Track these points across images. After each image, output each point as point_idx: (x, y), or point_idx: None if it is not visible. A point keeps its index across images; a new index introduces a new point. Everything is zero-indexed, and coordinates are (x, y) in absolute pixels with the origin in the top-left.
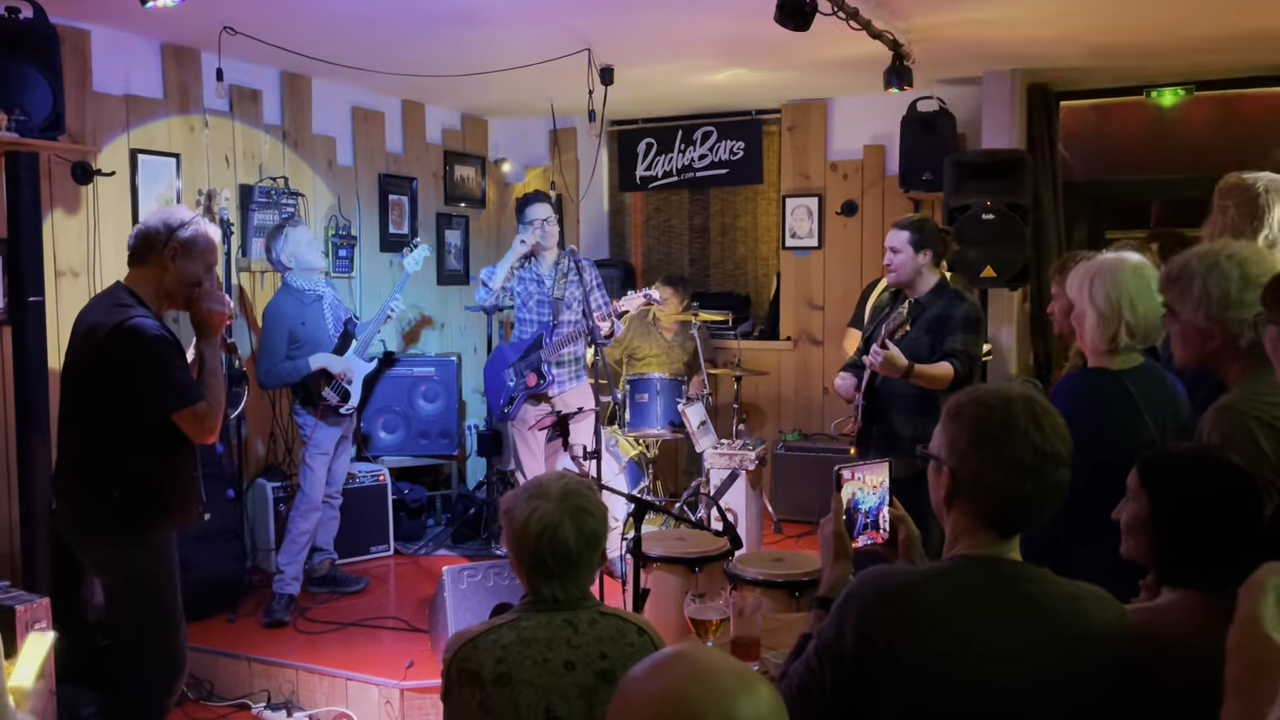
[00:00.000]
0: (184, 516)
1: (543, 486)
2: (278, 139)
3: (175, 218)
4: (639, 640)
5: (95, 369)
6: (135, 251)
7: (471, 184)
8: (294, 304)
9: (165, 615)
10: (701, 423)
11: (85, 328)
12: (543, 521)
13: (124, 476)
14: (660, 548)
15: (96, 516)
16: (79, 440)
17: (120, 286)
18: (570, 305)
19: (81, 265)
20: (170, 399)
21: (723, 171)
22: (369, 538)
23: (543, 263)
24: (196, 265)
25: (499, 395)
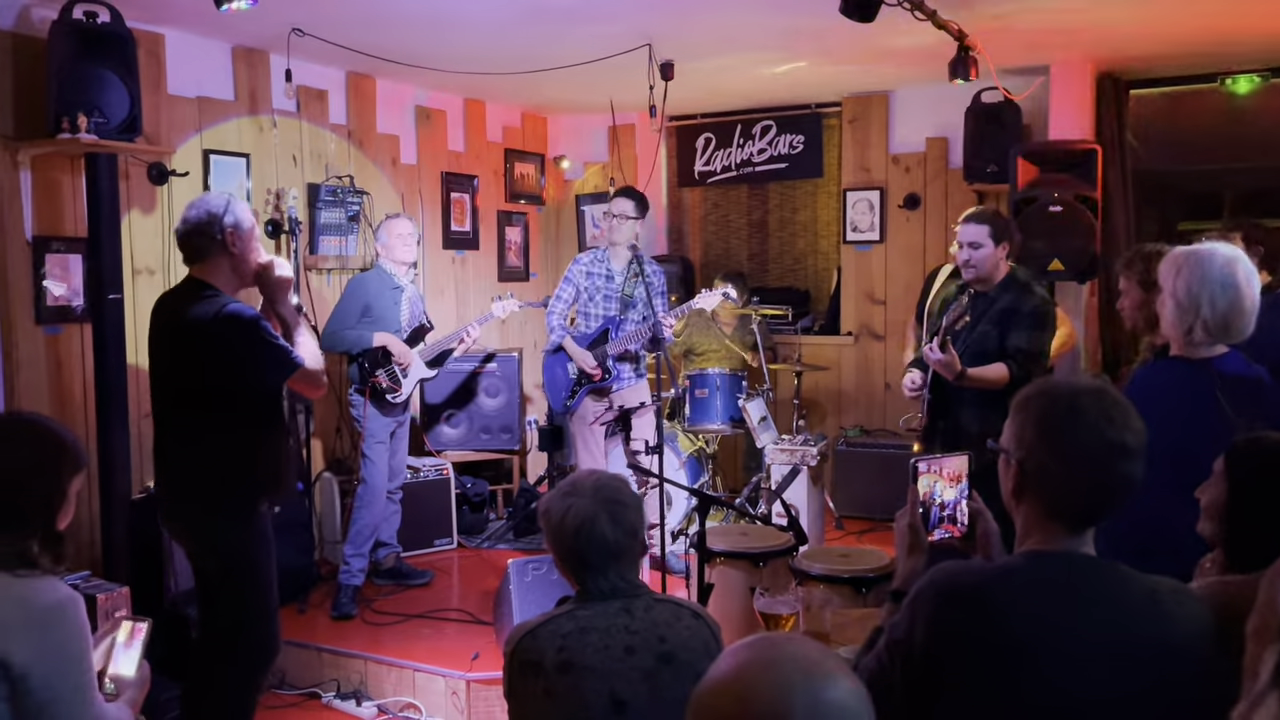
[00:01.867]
0: (277, 490)
1: (576, 484)
2: (343, 138)
3: (214, 205)
4: (695, 624)
5: (201, 356)
6: (195, 249)
7: (531, 181)
8: (378, 283)
9: (266, 598)
10: (762, 418)
11: (179, 321)
12: (579, 517)
13: (230, 456)
14: (724, 543)
15: (204, 500)
16: (183, 427)
17: (195, 281)
18: (636, 305)
19: (157, 263)
20: (282, 369)
21: (782, 165)
22: (432, 531)
23: (615, 258)
24: (251, 240)
25: (560, 389)
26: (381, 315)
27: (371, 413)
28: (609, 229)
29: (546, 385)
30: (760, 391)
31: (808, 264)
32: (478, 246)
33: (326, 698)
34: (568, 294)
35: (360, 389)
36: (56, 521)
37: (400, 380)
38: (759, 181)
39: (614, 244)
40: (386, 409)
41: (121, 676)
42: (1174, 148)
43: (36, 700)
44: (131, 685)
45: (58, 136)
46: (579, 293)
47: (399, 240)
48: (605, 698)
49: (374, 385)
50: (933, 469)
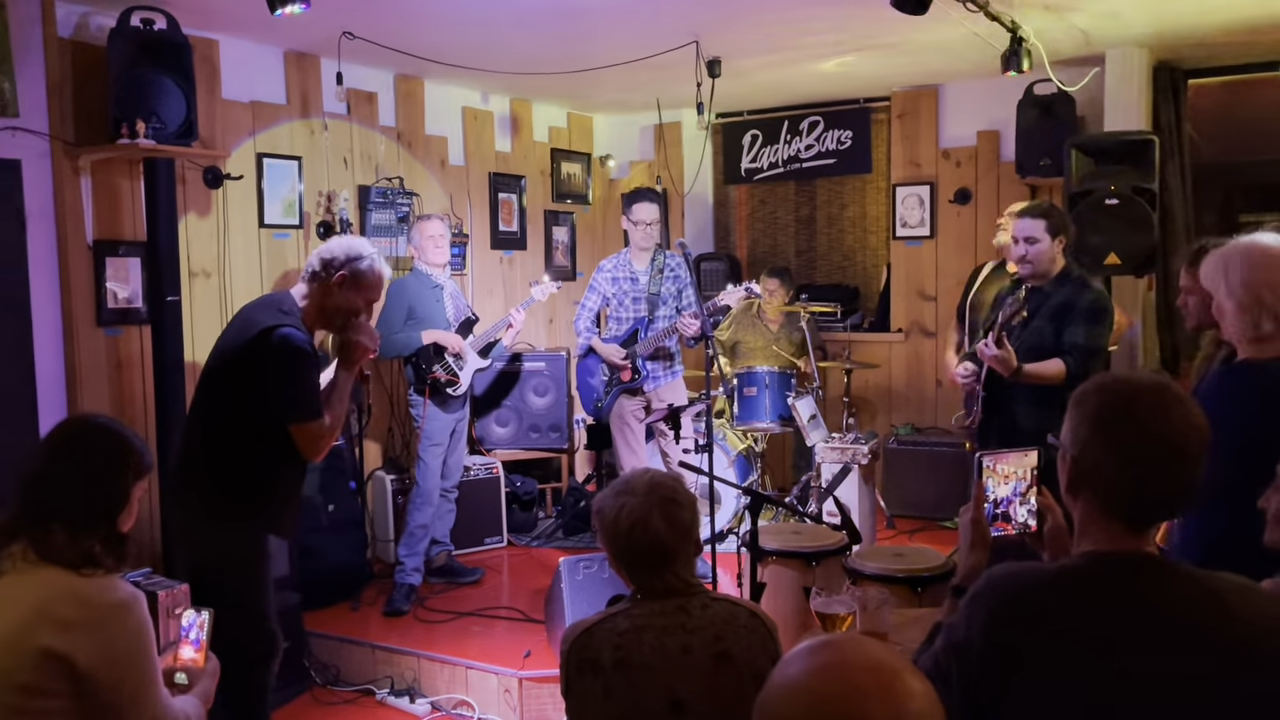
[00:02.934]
0: (279, 527)
1: (629, 483)
2: (393, 140)
3: (356, 249)
4: (752, 623)
5: (237, 366)
6: (313, 270)
7: (577, 181)
8: (417, 285)
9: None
10: (812, 416)
11: (240, 323)
12: (632, 516)
13: (240, 472)
14: (776, 541)
15: (206, 504)
16: (207, 432)
17: (289, 296)
18: (665, 301)
19: (213, 266)
20: (294, 407)
21: (830, 161)
22: (483, 529)
23: (638, 260)
24: (358, 298)
25: (590, 392)
26: (426, 315)
27: (432, 412)
28: (642, 237)
29: (579, 391)
30: (809, 389)
31: (856, 260)
32: (525, 246)
33: (380, 694)
34: (593, 301)
35: (419, 388)
36: (120, 523)
37: (457, 372)
38: (806, 178)
39: (644, 249)
40: (447, 404)
41: (192, 667)
42: (1234, 138)
43: (102, 698)
44: (203, 675)
45: (117, 142)
46: (606, 299)
47: (430, 242)
48: (662, 696)
49: (433, 381)
50: (996, 464)
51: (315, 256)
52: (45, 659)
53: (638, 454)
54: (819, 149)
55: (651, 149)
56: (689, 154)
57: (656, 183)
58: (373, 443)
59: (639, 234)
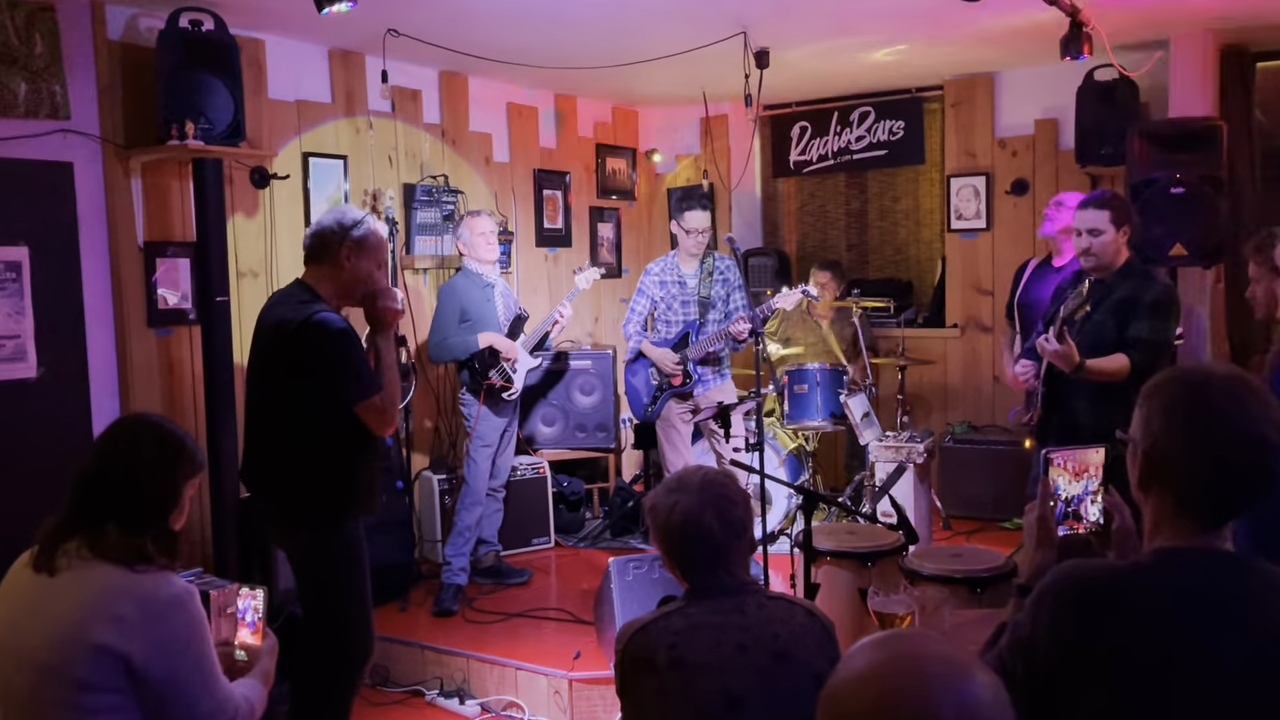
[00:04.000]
0: (369, 504)
1: (682, 480)
2: (437, 137)
3: (348, 217)
4: (808, 621)
5: (285, 364)
6: (311, 251)
7: (623, 176)
8: (468, 285)
9: (357, 605)
10: (865, 414)
11: (272, 323)
12: (685, 513)
13: (317, 469)
14: (831, 542)
15: (295, 509)
16: (272, 435)
17: (300, 284)
18: (715, 305)
19: (260, 266)
20: (356, 391)
21: (881, 153)
22: (530, 530)
23: (686, 264)
24: (369, 262)
25: (640, 396)
26: (479, 316)
27: (484, 413)
28: (693, 245)
29: (627, 394)
30: (862, 386)
31: (909, 254)
32: (570, 243)
33: (430, 695)
34: (642, 305)
35: (474, 389)
36: (172, 520)
37: (512, 377)
38: (857, 170)
39: (694, 255)
40: (500, 408)
41: (250, 644)
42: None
43: (160, 692)
44: (263, 653)
45: (167, 143)
46: (654, 303)
47: (481, 239)
48: (719, 695)
49: (489, 387)
50: (1065, 461)
51: (310, 237)
52: (101, 654)
53: (684, 456)
54: (870, 140)
55: (698, 142)
56: (736, 147)
57: (703, 177)
58: (420, 442)
59: (690, 242)
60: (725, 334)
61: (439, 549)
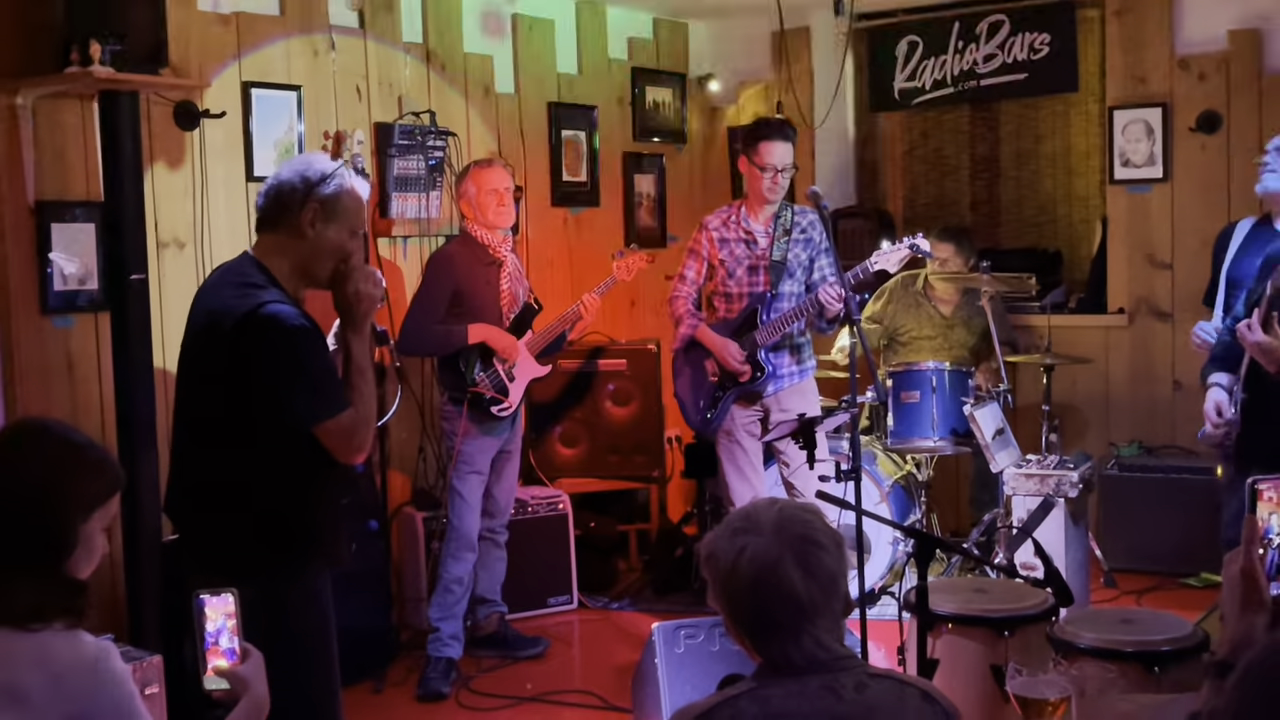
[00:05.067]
0: (334, 551)
1: (751, 517)
2: (420, 61)
3: (314, 169)
4: (926, 709)
5: (222, 368)
6: (265, 214)
7: (668, 111)
8: (469, 260)
9: (323, 683)
10: (998, 431)
11: (206, 314)
12: (756, 562)
13: (262, 502)
14: (953, 602)
15: (232, 553)
16: (203, 457)
17: (248, 259)
18: (793, 272)
19: (188, 233)
20: (313, 407)
21: (1019, 77)
22: (546, 586)
23: (756, 215)
24: (341, 231)
25: (696, 397)
26: (478, 304)
27: (470, 431)
28: (769, 188)
29: (678, 394)
30: (995, 394)
31: (1058, 214)
32: (598, 202)
33: None
34: (695, 272)
35: (456, 397)
36: (72, 564)
37: (507, 386)
38: (986, 100)
39: (769, 202)
40: (490, 425)
41: (228, 670)
42: None
43: None
44: (248, 677)
45: (65, 71)
46: (713, 268)
47: (492, 198)
48: None
49: (474, 396)
50: None
51: (264, 195)
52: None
53: (753, 483)
54: (1003, 60)
55: (769, 65)
56: (822, 71)
57: (776, 112)
58: (399, 469)
59: (766, 183)
60: (809, 306)
61: (424, 610)
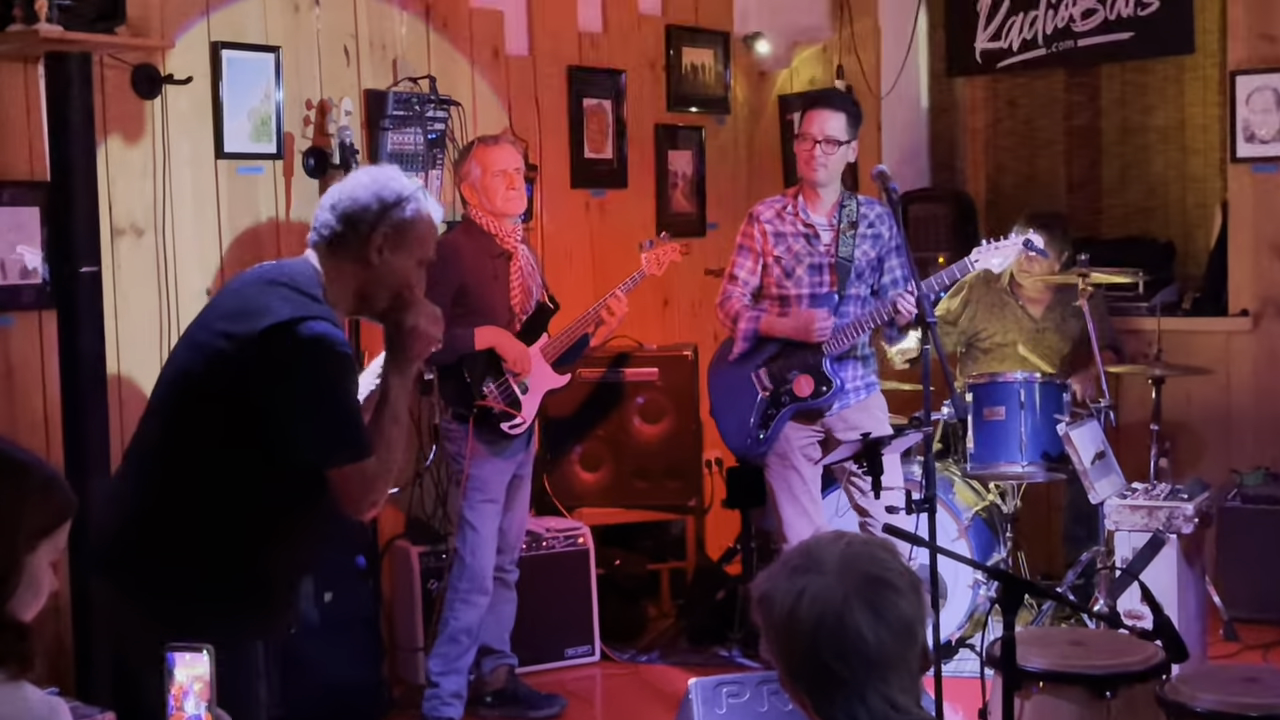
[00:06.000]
0: (271, 622)
1: (812, 554)
2: (419, 18)
3: (390, 190)
4: None
5: (233, 373)
6: (332, 234)
7: (709, 76)
8: (475, 252)
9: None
10: (1098, 455)
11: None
12: (819, 605)
13: (225, 546)
14: (1044, 657)
15: (165, 603)
16: (169, 485)
17: (306, 267)
18: (862, 272)
19: (147, 219)
20: (334, 445)
21: (1123, 36)
22: (563, 634)
23: (815, 205)
24: (409, 260)
25: (742, 414)
26: (485, 302)
27: (479, 451)
28: (804, 162)
29: (717, 411)
30: (1094, 409)
31: (1169, 198)
32: (625, 183)
33: None
34: (747, 270)
35: (462, 413)
36: (14, 604)
37: (519, 399)
38: (1084, 63)
39: (820, 184)
40: (501, 444)
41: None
42: None
43: None
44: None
45: (6, 29)
46: (766, 265)
47: (499, 180)
48: None
49: (481, 410)
50: None
51: (330, 211)
52: None
53: (810, 515)
54: (1105, 16)
55: (827, 23)
56: (890, 29)
57: (836, 78)
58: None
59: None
60: (881, 313)
61: (420, 661)
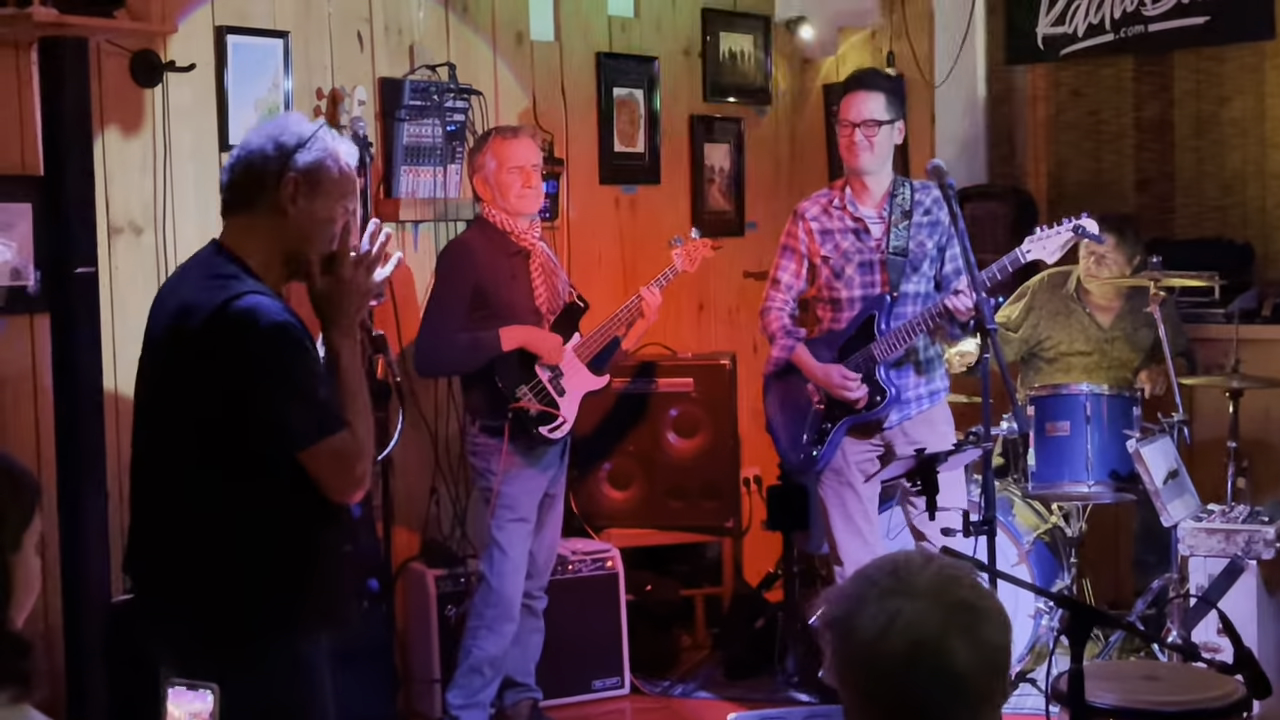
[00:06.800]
0: (332, 613)
1: (900, 574)
2: (438, 2)
3: (290, 133)
4: None
5: (188, 378)
6: (235, 192)
7: (748, 64)
8: (490, 251)
9: None
10: (1171, 474)
11: (167, 315)
12: (914, 632)
13: (241, 547)
14: (1115, 692)
15: (209, 619)
16: (172, 496)
17: (217, 248)
18: (918, 265)
19: (146, 216)
20: (303, 426)
21: (1198, 21)
22: (591, 665)
23: (864, 197)
24: (329, 205)
25: (795, 428)
26: (505, 302)
27: (514, 464)
28: (845, 147)
29: (771, 424)
30: (1167, 426)
31: (1247, 196)
32: (658, 178)
33: None
34: (791, 273)
35: (492, 425)
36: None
37: (556, 400)
38: (1155, 50)
39: (866, 172)
40: (537, 454)
41: None
42: None
43: None
44: None
45: None
46: (814, 268)
47: (514, 176)
48: None
49: (518, 414)
50: None
51: (231, 169)
52: None
53: (865, 536)
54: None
55: (876, 5)
56: (945, 13)
57: (887, 65)
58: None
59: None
60: (937, 312)
61: (437, 694)
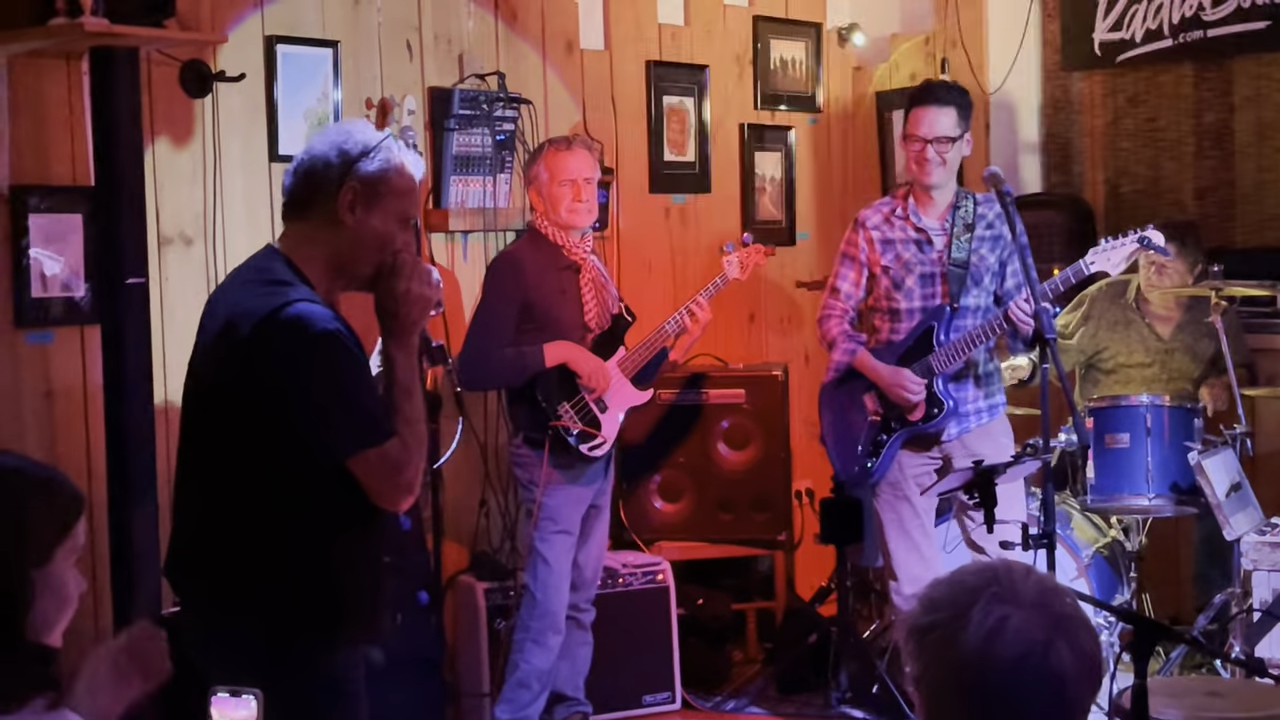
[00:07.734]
0: (368, 622)
1: (1005, 583)
2: (488, 10)
3: (354, 141)
4: None
5: (236, 384)
6: (295, 197)
7: (799, 71)
8: (539, 265)
9: None
10: (1234, 486)
11: (222, 322)
12: (1023, 639)
13: (283, 555)
14: (1179, 708)
15: (241, 620)
16: (220, 507)
17: (273, 253)
18: (980, 279)
19: (197, 227)
20: (348, 433)
21: (1259, 26)
22: (641, 679)
23: (927, 208)
24: (388, 218)
25: (851, 440)
26: (553, 317)
27: (554, 478)
28: (915, 162)
29: (827, 435)
30: (1230, 438)
31: None
32: (708, 187)
33: None
34: (851, 282)
35: (535, 438)
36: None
37: (598, 418)
38: (1215, 56)
39: (935, 187)
40: (579, 469)
41: None
42: None
43: None
44: None
45: (49, 23)
46: (873, 278)
47: (565, 190)
48: None
49: (558, 432)
50: None
51: (291, 175)
52: None
53: (921, 550)
54: (1238, 3)
55: (930, 12)
56: (999, 21)
57: (941, 72)
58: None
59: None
60: (998, 324)
61: (487, 709)
